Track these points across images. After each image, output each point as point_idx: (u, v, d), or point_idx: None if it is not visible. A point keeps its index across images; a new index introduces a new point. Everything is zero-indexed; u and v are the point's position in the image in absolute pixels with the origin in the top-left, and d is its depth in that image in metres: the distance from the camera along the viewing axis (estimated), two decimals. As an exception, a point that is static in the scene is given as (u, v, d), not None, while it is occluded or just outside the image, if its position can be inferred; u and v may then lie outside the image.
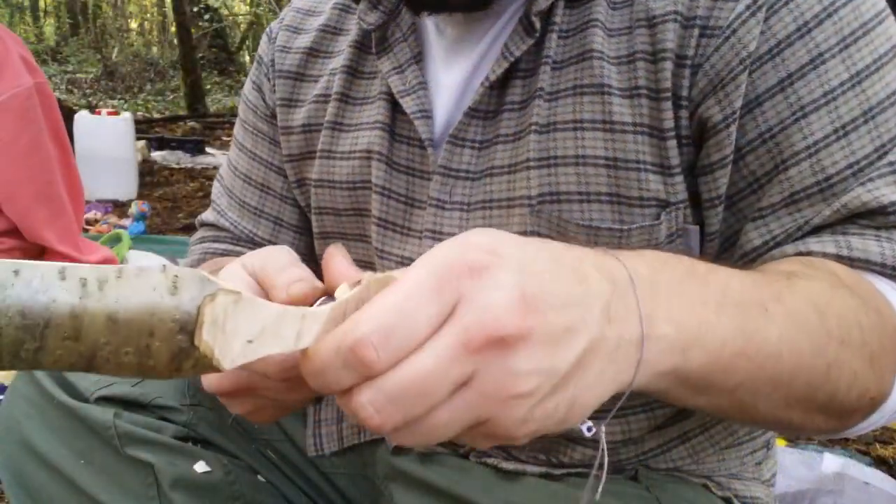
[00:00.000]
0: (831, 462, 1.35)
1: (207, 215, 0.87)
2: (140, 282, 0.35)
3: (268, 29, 0.84)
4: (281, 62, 0.79)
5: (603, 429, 0.41)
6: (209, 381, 0.48)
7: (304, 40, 0.79)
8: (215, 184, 0.88)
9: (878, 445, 1.62)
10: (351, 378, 0.36)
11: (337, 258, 0.45)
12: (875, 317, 0.53)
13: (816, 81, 0.58)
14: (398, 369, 0.35)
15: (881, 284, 0.57)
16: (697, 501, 0.68)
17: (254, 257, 0.50)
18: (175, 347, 0.35)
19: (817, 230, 0.60)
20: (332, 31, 0.78)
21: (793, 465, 1.35)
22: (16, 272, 0.33)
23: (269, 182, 0.81)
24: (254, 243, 0.81)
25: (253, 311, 0.37)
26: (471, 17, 0.67)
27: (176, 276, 0.35)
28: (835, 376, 0.50)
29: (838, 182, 0.58)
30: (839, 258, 0.57)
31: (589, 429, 0.40)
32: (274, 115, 0.80)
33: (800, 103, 0.58)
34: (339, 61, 0.75)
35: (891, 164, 0.59)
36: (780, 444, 1.52)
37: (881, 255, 0.57)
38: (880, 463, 1.54)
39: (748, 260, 0.62)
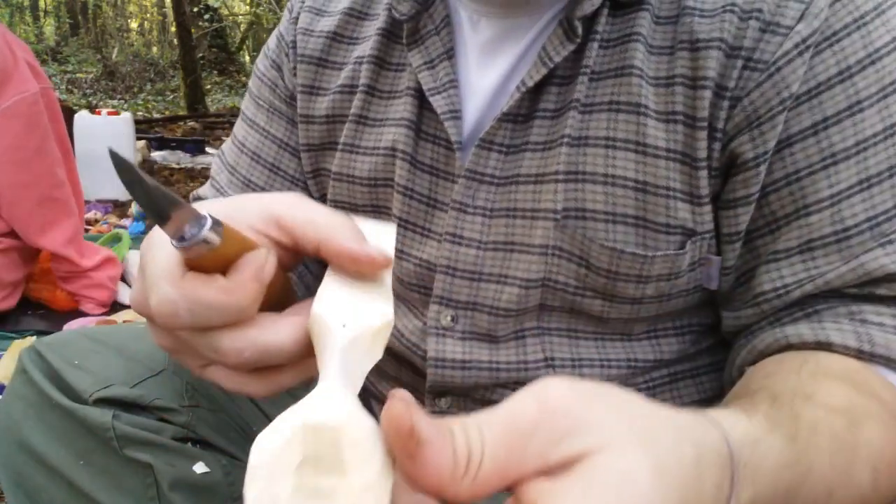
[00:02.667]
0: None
1: (205, 191, 0.84)
2: None
3: (289, 5, 0.81)
4: (303, 46, 0.77)
5: None
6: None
7: (327, 23, 0.77)
8: (215, 160, 0.85)
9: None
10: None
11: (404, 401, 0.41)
12: None
13: (851, 130, 0.57)
14: None
15: None
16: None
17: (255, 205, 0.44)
18: None
19: (831, 295, 0.58)
20: (357, 14, 0.76)
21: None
22: None
23: (281, 163, 0.79)
24: None
25: None
26: (509, 12, 0.65)
27: None
28: None
29: (855, 235, 0.57)
30: (860, 353, 0.56)
31: None
32: (292, 97, 0.78)
33: (831, 150, 0.57)
34: (364, 49, 0.74)
35: None
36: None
37: None
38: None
39: (757, 302, 0.61)
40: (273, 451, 0.30)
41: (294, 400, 0.33)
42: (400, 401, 0.30)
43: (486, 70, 0.67)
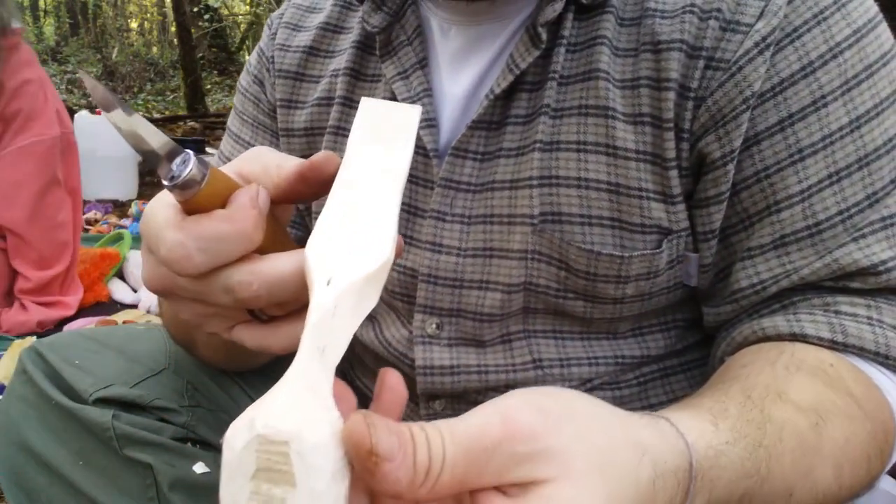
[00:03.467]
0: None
1: None
2: None
3: (269, 20, 0.82)
4: (280, 61, 0.78)
5: None
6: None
7: (303, 38, 0.78)
8: None
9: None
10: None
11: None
12: (882, 440, 0.54)
13: (817, 125, 0.57)
14: None
15: (873, 372, 0.57)
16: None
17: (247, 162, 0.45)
18: None
19: (807, 288, 0.59)
20: (332, 28, 0.77)
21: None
22: None
23: None
24: None
25: None
26: (478, 20, 0.65)
27: None
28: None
29: (828, 229, 0.58)
30: (833, 343, 0.57)
31: None
32: (275, 111, 0.79)
33: (798, 146, 0.58)
34: (340, 62, 0.74)
35: (883, 219, 0.58)
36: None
37: (875, 344, 0.57)
38: (881, 463, 1.54)
39: (735, 299, 0.62)
40: (235, 450, 0.30)
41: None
42: (359, 416, 0.31)
43: (457, 78, 0.67)
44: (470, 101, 0.67)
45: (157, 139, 0.38)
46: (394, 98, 0.69)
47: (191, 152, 0.39)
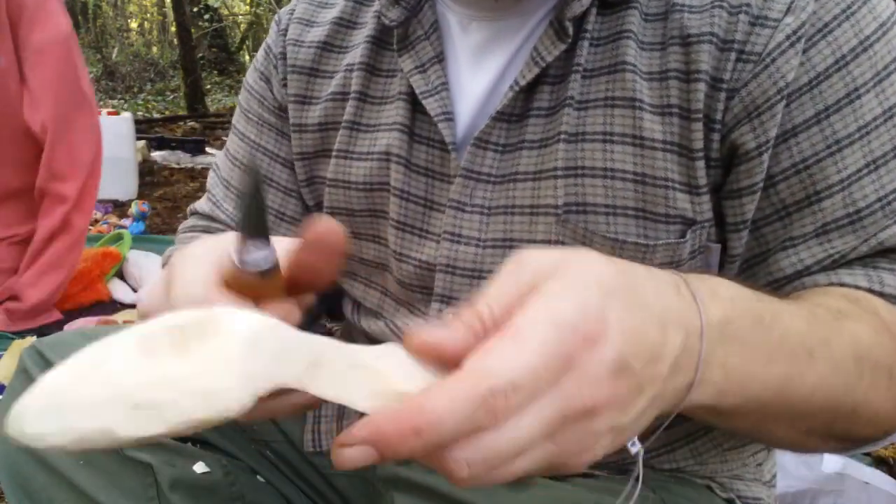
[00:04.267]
0: (831, 462, 1.35)
1: (202, 205, 0.85)
2: None
3: (276, 17, 0.82)
4: (294, 57, 0.78)
5: (641, 447, 0.43)
6: None
7: (317, 34, 0.78)
8: (211, 174, 0.86)
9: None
10: (467, 428, 0.35)
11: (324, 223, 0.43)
12: None
13: (852, 116, 0.59)
14: (502, 431, 0.35)
15: None
16: (701, 502, 0.68)
17: None
18: None
19: (849, 263, 0.60)
20: (346, 24, 0.77)
21: (793, 465, 1.35)
22: None
23: (274, 174, 0.80)
24: None
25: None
26: (500, 15, 0.66)
27: None
28: (857, 415, 0.52)
29: (868, 216, 0.59)
30: (871, 292, 0.58)
31: (633, 444, 0.42)
32: (282, 108, 0.79)
33: (835, 137, 0.59)
34: (354, 56, 0.74)
35: None
36: (780, 444, 1.52)
37: None
38: (880, 463, 1.54)
39: (777, 286, 0.62)
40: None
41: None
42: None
43: (478, 72, 0.68)
44: (490, 94, 0.68)
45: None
46: (411, 92, 0.69)
47: (276, 254, 0.41)
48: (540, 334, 0.36)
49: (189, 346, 0.31)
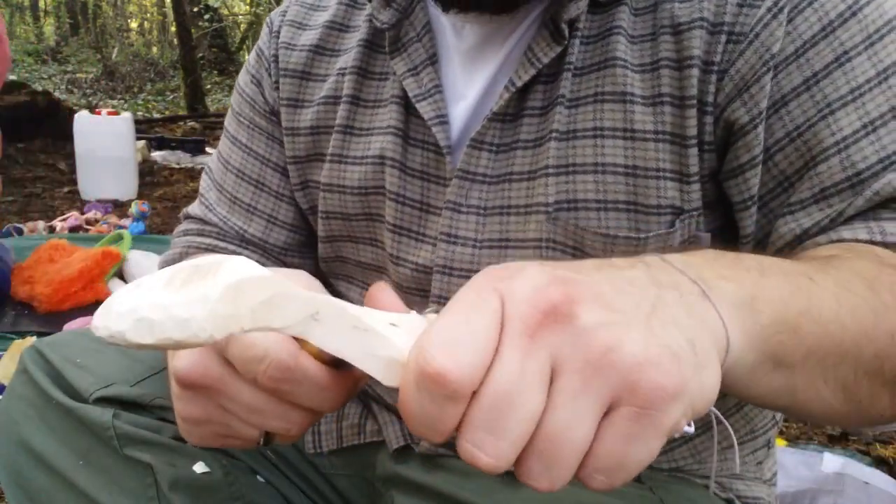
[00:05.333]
0: (831, 462, 1.35)
1: (194, 208, 0.85)
2: None
3: (268, 19, 0.82)
4: (286, 60, 0.78)
5: (692, 428, 0.38)
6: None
7: (309, 37, 0.77)
8: (203, 177, 0.86)
9: (877, 445, 1.62)
10: (444, 410, 0.34)
11: (386, 292, 0.43)
12: None
13: (843, 79, 0.58)
14: (480, 393, 0.34)
15: None
16: (700, 502, 0.68)
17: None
18: None
19: (849, 220, 0.59)
20: (338, 27, 0.77)
21: (793, 464, 1.35)
22: None
23: (265, 178, 0.80)
24: (243, 240, 0.81)
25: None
26: (495, 19, 0.66)
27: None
28: None
29: (869, 177, 0.58)
30: (873, 244, 0.57)
31: (689, 424, 0.37)
32: (273, 112, 0.79)
33: (826, 101, 0.58)
34: (347, 60, 0.74)
35: None
36: (779, 444, 1.52)
37: None
38: (880, 463, 1.54)
39: (780, 250, 0.62)
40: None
41: None
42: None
43: (472, 73, 0.68)
44: (483, 95, 0.68)
45: None
46: (404, 95, 0.69)
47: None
48: (455, 298, 0.36)
49: (193, 282, 0.37)
